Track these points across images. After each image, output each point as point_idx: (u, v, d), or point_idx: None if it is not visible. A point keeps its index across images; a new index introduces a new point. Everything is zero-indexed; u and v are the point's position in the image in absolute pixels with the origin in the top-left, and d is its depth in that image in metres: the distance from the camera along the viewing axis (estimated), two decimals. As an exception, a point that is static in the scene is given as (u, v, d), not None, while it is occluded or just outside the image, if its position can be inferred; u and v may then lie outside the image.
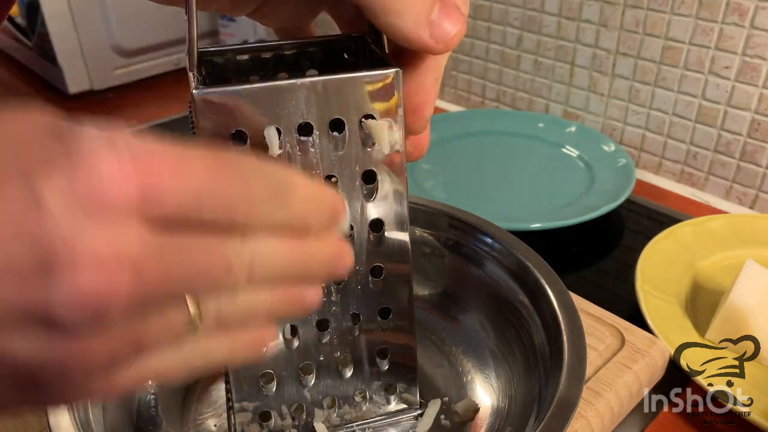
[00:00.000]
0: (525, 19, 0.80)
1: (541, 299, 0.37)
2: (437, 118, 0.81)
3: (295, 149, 0.29)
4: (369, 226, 0.32)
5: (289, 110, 0.28)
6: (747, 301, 0.44)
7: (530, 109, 0.85)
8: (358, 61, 0.33)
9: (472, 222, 0.43)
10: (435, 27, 0.26)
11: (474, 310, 0.43)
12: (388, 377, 0.37)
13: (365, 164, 0.30)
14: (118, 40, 0.94)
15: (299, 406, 0.36)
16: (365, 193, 0.31)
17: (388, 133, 0.29)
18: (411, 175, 0.69)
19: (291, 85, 0.27)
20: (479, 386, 0.40)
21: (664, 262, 0.53)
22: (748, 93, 0.64)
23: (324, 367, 0.35)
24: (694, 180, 0.72)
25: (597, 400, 0.37)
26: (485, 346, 0.41)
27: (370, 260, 0.33)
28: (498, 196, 0.67)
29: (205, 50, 0.31)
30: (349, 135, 0.29)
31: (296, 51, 0.33)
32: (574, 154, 0.74)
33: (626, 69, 0.73)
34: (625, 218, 0.65)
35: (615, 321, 0.43)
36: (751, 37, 0.62)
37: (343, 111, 0.29)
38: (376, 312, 0.35)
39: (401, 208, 0.32)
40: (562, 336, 0.34)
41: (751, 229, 0.58)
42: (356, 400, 0.37)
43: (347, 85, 0.28)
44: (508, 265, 0.40)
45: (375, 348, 0.36)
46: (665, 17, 0.67)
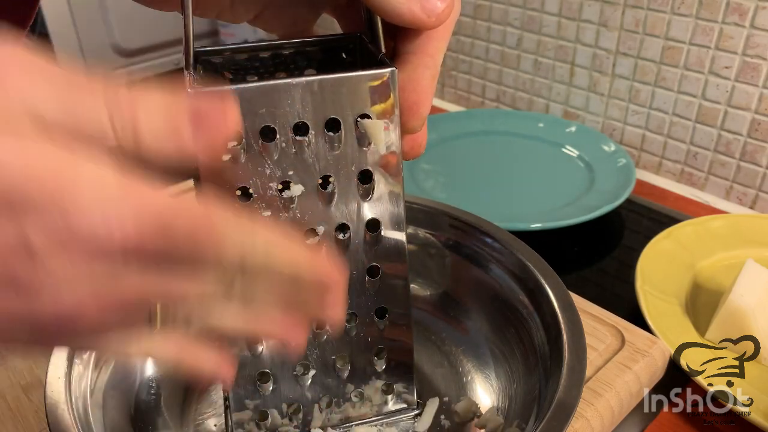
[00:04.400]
0: (525, 19, 0.80)
1: (541, 299, 0.37)
2: (437, 118, 0.81)
3: (291, 148, 0.29)
4: (365, 226, 0.32)
5: (285, 109, 0.28)
6: (747, 301, 0.44)
7: (530, 109, 0.85)
8: (356, 60, 0.33)
9: (472, 222, 0.43)
10: (425, 1, 0.27)
11: (474, 310, 0.43)
12: (385, 377, 0.37)
13: (361, 164, 0.30)
14: (118, 40, 0.94)
15: (296, 406, 0.36)
16: (361, 192, 0.31)
17: (384, 133, 0.29)
18: (411, 175, 0.69)
19: (286, 85, 0.27)
20: (479, 386, 0.40)
21: (664, 262, 0.53)
22: (748, 93, 0.64)
23: (321, 367, 0.35)
24: (694, 180, 0.71)
25: (597, 400, 0.37)
26: (485, 346, 0.41)
27: (366, 260, 0.33)
28: (498, 196, 0.67)
29: (203, 50, 0.31)
30: (345, 134, 0.29)
31: (295, 50, 0.33)
32: (574, 154, 0.74)
33: (626, 69, 0.73)
34: (625, 218, 0.65)
35: (615, 321, 0.43)
36: (751, 37, 0.62)
37: (338, 110, 0.28)
38: (373, 312, 0.35)
39: (398, 208, 0.32)
40: (562, 336, 0.34)
41: (751, 229, 0.58)
42: (353, 400, 0.36)
43: (343, 84, 0.28)
44: (508, 265, 0.40)
45: (372, 348, 0.36)
46: (665, 17, 0.67)
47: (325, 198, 0.30)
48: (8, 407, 0.39)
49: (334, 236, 0.32)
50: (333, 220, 0.31)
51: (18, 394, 0.40)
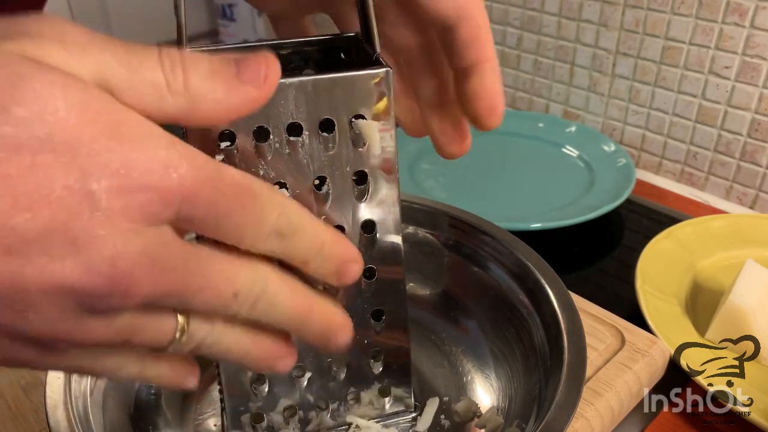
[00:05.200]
0: (525, 19, 0.80)
1: (541, 299, 0.37)
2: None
3: (285, 149, 0.28)
4: (361, 228, 0.32)
5: (278, 110, 0.27)
6: (747, 301, 0.44)
7: (530, 109, 0.85)
8: (353, 61, 0.33)
9: (472, 222, 0.43)
10: None
11: (474, 310, 0.43)
12: (382, 379, 0.36)
13: (356, 165, 0.30)
14: (118, 41, 0.94)
15: (292, 408, 0.35)
16: (356, 194, 0.31)
17: (379, 133, 0.29)
18: (411, 175, 0.69)
19: (280, 85, 0.27)
20: (479, 386, 0.40)
21: (664, 262, 0.53)
22: (748, 93, 0.64)
23: (317, 370, 0.35)
24: (694, 180, 0.71)
25: (597, 400, 0.37)
26: (485, 346, 0.41)
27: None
28: (498, 196, 0.67)
29: (201, 49, 0.31)
30: (339, 135, 0.29)
31: (292, 51, 0.32)
32: (574, 154, 0.73)
33: (626, 69, 0.73)
34: (625, 218, 0.65)
35: (615, 321, 0.43)
36: (751, 37, 0.62)
37: (333, 111, 0.28)
38: (369, 314, 0.34)
39: (393, 209, 0.32)
40: (562, 336, 0.34)
41: (751, 229, 0.58)
42: (350, 403, 0.36)
43: (337, 84, 0.28)
44: (508, 265, 0.40)
45: (368, 350, 0.35)
46: (665, 17, 0.67)
47: (320, 199, 0.30)
48: (8, 407, 0.39)
49: None
50: (328, 221, 0.31)
51: (18, 394, 0.40)
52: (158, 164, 0.19)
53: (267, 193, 0.22)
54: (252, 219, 0.21)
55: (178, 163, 0.19)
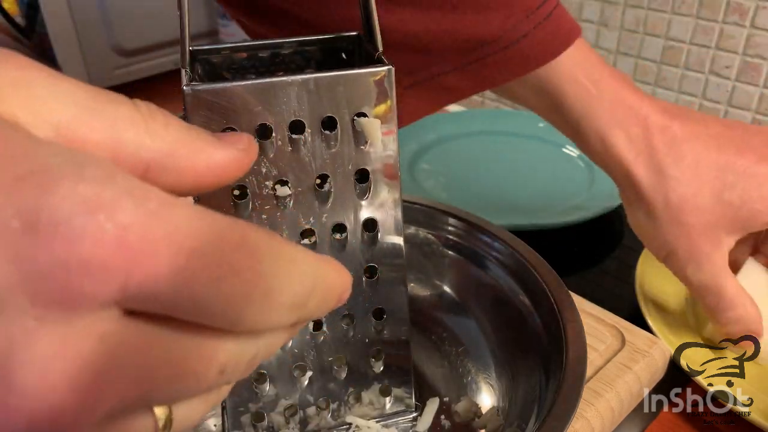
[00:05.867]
0: (525, 18, 0.80)
1: (541, 299, 0.37)
2: (437, 118, 0.81)
3: (287, 147, 0.29)
4: (362, 226, 0.32)
5: (281, 107, 0.28)
6: (747, 301, 0.44)
7: (530, 109, 0.84)
8: (354, 60, 0.33)
9: (472, 222, 0.43)
10: None
11: (474, 310, 0.43)
12: (382, 379, 0.36)
13: (358, 163, 0.30)
14: (118, 40, 0.94)
15: (293, 408, 0.35)
16: (358, 192, 0.31)
17: (381, 131, 0.29)
18: (411, 175, 0.69)
19: (282, 82, 0.27)
20: (479, 386, 0.40)
21: (664, 262, 0.53)
22: (749, 93, 0.64)
23: (318, 369, 0.35)
24: (695, 180, 0.71)
25: (597, 400, 0.37)
26: (485, 346, 0.41)
27: (363, 261, 0.33)
28: (498, 196, 0.67)
29: (202, 48, 0.31)
30: (341, 133, 0.29)
31: (293, 50, 0.32)
32: (574, 154, 0.73)
33: (626, 69, 0.73)
34: (625, 218, 0.65)
35: (615, 321, 0.43)
36: (751, 37, 0.62)
37: (335, 109, 0.28)
38: (370, 313, 0.34)
39: (395, 208, 0.32)
40: (562, 336, 0.34)
41: (752, 228, 0.58)
42: (350, 402, 0.36)
43: (339, 82, 0.28)
44: (508, 265, 0.40)
45: (369, 350, 0.35)
46: (665, 17, 0.67)
47: (322, 197, 0.30)
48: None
49: (330, 236, 0.31)
50: (330, 219, 0.31)
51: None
52: (80, 209, 0.12)
53: (275, 250, 0.16)
54: (257, 293, 0.15)
55: (116, 205, 0.13)
